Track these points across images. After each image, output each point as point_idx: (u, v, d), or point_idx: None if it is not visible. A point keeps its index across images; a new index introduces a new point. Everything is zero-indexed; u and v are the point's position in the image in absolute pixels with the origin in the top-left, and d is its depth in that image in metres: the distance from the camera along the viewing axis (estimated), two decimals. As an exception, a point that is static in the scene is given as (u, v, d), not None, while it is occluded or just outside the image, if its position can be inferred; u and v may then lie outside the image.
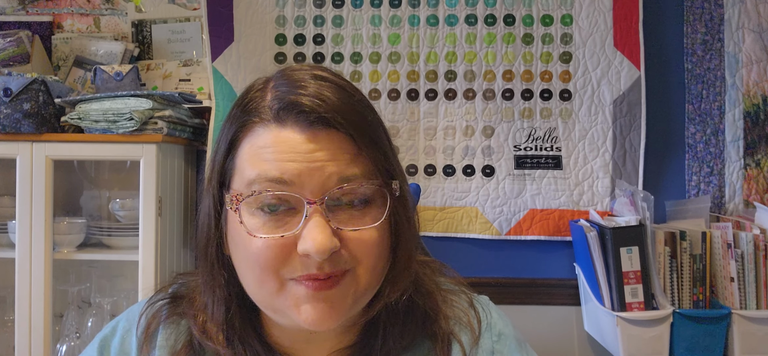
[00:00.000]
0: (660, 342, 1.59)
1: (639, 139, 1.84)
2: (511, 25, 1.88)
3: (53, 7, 1.94)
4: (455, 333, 0.71)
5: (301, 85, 0.62)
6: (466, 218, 1.88)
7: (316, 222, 0.59)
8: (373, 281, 0.64)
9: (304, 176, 0.59)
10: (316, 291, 0.60)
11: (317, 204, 0.59)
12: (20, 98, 1.58)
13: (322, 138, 0.60)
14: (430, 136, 1.89)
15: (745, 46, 1.84)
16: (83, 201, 1.88)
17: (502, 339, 0.73)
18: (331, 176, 0.60)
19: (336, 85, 0.63)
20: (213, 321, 0.68)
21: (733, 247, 1.63)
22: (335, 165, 0.60)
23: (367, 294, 0.64)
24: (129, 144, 1.61)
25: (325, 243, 0.58)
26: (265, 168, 0.60)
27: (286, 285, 0.61)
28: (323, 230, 0.58)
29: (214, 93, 1.88)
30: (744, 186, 1.84)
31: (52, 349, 1.65)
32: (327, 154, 0.60)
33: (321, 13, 1.90)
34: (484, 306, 0.75)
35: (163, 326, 0.73)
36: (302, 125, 0.61)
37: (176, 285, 0.77)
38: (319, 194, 0.59)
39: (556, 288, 1.87)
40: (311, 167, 0.59)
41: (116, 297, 1.75)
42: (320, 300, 0.60)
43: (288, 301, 0.61)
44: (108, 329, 0.76)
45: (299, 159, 0.60)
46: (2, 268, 1.73)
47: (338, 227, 0.60)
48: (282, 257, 0.60)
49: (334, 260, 0.60)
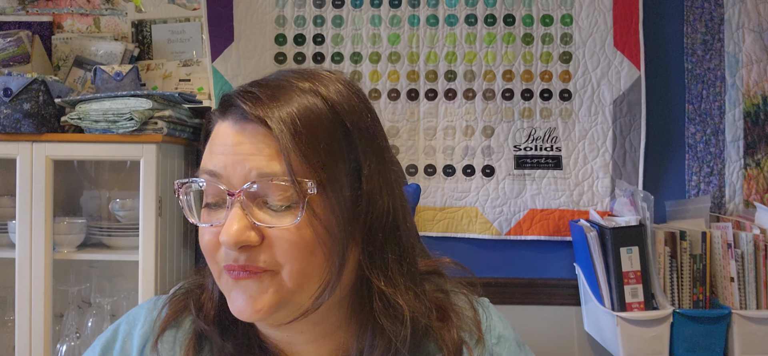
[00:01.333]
0: (660, 342, 1.59)
1: (639, 139, 1.84)
2: (511, 25, 1.88)
3: (53, 7, 1.94)
4: (462, 338, 0.71)
5: (255, 83, 0.66)
6: (466, 218, 1.88)
7: (233, 214, 0.61)
8: (302, 283, 0.62)
9: (228, 168, 0.62)
10: (235, 280, 0.62)
11: (235, 196, 0.61)
12: (20, 98, 1.58)
13: (249, 132, 0.62)
14: (430, 136, 1.89)
15: (745, 46, 1.84)
16: (83, 201, 1.88)
17: (501, 341, 0.73)
18: (251, 171, 0.61)
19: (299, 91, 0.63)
20: (210, 300, 0.71)
21: (733, 247, 1.63)
22: (255, 160, 0.61)
23: (298, 297, 0.63)
24: (129, 144, 1.61)
25: (236, 235, 0.59)
26: (205, 160, 0.65)
27: (221, 273, 0.64)
28: (239, 221, 0.60)
29: (214, 93, 1.88)
30: (744, 186, 1.84)
31: (52, 349, 1.65)
32: (250, 148, 0.62)
33: (321, 13, 1.90)
34: (484, 308, 0.75)
35: (166, 327, 0.73)
36: (235, 118, 0.64)
37: (182, 283, 0.77)
38: (238, 187, 0.61)
39: (556, 288, 1.87)
40: (235, 160, 0.62)
41: (116, 297, 1.75)
42: (241, 290, 0.62)
43: (224, 288, 0.65)
44: (108, 333, 0.77)
45: (226, 151, 0.63)
46: (2, 268, 1.73)
47: (258, 222, 0.61)
48: (214, 246, 0.63)
49: (251, 255, 0.61)
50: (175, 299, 0.75)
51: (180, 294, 0.76)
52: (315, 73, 0.67)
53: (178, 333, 0.73)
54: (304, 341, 0.69)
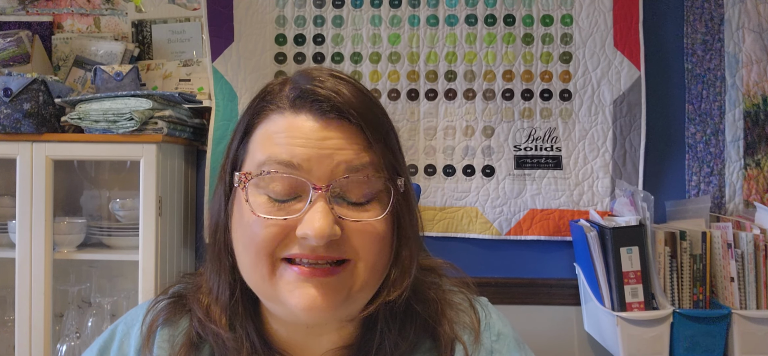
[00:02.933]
0: (660, 342, 1.59)
1: (639, 139, 1.84)
2: (511, 25, 1.88)
3: (53, 7, 1.94)
4: (458, 335, 0.71)
5: (319, 79, 0.65)
6: (466, 218, 1.88)
7: (319, 207, 0.60)
8: (372, 279, 0.64)
9: (313, 161, 0.61)
10: (308, 277, 0.61)
11: (322, 190, 0.60)
12: (20, 98, 1.58)
13: (334, 127, 0.62)
14: (430, 136, 1.89)
15: (745, 46, 1.84)
16: (83, 201, 1.88)
17: (501, 338, 0.74)
18: (340, 165, 0.61)
19: (351, 84, 0.65)
20: (217, 304, 0.69)
21: (733, 247, 1.63)
22: (344, 154, 0.61)
23: (365, 292, 0.64)
24: (129, 144, 1.61)
25: (325, 228, 0.59)
26: (276, 151, 0.62)
27: (278, 269, 0.62)
28: (326, 216, 0.59)
29: (214, 93, 1.88)
30: (744, 186, 1.84)
31: (52, 349, 1.65)
32: (337, 143, 0.62)
33: (321, 13, 1.90)
34: (483, 307, 0.76)
35: (161, 327, 0.73)
36: (316, 113, 0.63)
37: (179, 285, 0.77)
38: (325, 181, 0.61)
39: (556, 288, 1.87)
40: (321, 154, 0.61)
41: (116, 297, 1.75)
42: (312, 286, 0.61)
43: (280, 286, 0.62)
44: (106, 335, 0.77)
45: (310, 145, 0.61)
46: (2, 268, 1.73)
47: (341, 216, 0.61)
48: (279, 238, 0.61)
49: (331, 247, 0.61)
50: (171, 299, 0.75)
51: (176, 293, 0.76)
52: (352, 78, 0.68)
53: (174, 332, 0.73)
54: (316, 333, 0.70)
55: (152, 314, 0.74)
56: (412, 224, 0.66)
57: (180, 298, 0.75)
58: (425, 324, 0.70)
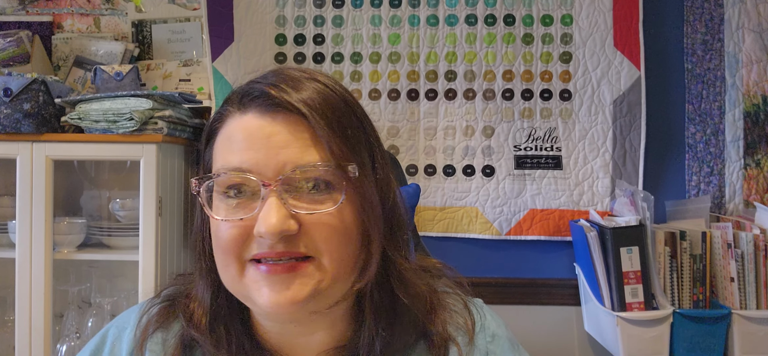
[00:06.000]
0: (660, 342, 1.59)
1: (639, 139, 1.84)
2: (511, 25, 1.88)
3: (53, 7, 1.94)
4: (452, 335, 0.71)
5: (276, 77, 0.64)
6: (466, 218, 1.88)
7: (270, 203, 0.60)
8: (341, 270, 0.63)
9: (260, 162, 0.61)
10: (271, 275, 0.61)
11: (272, 186, 0.60)
12: (20, 98, 1.58)
13: (280, 122, 0.62)
14: (430, 136, 1.89)
15: (745, 46, 1.84)
16: (83, 201, 1.88)
17: (495, 339, 0.73)
18: (287, 164, 0.60)
19: (313, 80, 0.65)
20: (200, 307, 0.69)
21: (733, 247, 1.63)
22: (290, 151, 0.61)
23: (337, 284, 0.64)
24: (129, 144, 1.61)
25: (277, 225, 0.59)
26: (227, 158, 0.63)
27: (246, 268, 0.63)
28: (278, 211, 0.59)
29: (214, 93, 1.88)
30: (744, 186, 1.84)
31: (52, 349, 1.65)
32: (282, 139, 0.61)
33: (321, 13, 1.90)
34: (478, 308, 0.76)
35: (154, 331, 0.73)
36: (261, 109, 0.63)
37: (171, 287, 0.77)
38: (274, 178, 0.60)
39: (556, 288, 1.87)
40: (268, 154, 0.61)
41: (116, 297, 1.75)
42: (276, 283, 0.61)
43: (248, 285, 0.63)
44: (97, 338, 0.76)
45: (256, 146, 0.61)
46: (2, 268, 1.73)
47: (295, 210, 0.61)
48: (242, 239, 0.62)
49: (290, 242, 0.61)
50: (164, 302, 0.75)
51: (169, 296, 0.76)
52: (309, 69, 0.68)
53: (167, 335, 0.72)
54: (306, 332, 0.69)
55: (146, 318, 0.74)
56: (371, 210, 0.64)
57: (173, 301, 0.75)
58: (416, 320, 0.69)
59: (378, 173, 0.67)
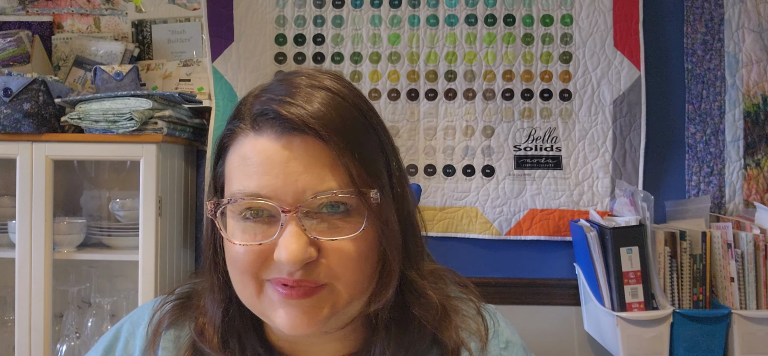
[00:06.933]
0: (660, 342, 1.59)
1: (639, 139, 1.84)
2: (511, 25, 1.88)
3: (53, 7, 1.94)
4: (464, 342, 0.70)
5: (288, 92, 0.62)
6: (466, 218, 1.88)
7: (290, 231, 0.59)
8: (356, 293, 0.63)
9: (278, 188, 0.59)
10: (288, 298, 0.60)
11: (292, 212, 0.59)
12: (20, 98, 1.58)
13: (297, 146, 0.60)
14: (430, 136, 1.89)
15: (745, 46, 1.84)
16: (83, 201, 1.88)
17: (509, 346, 0.73)
18: (306, 191, 0.59)
19: (326, 91, 0.62)
20: (210, 324, 0.68)
21: (733, 247, 1.63)
22: (309, 178, 0.59)
23: (351, 306, 0.64)
24: (129, 144, 1.61)
25: (297, 254, 0.58)
26: (245, 184, 0.61)
27: (264, 288, 0.62)
28: (298, 240, 0.58)
29: (214, 93, 1.88)
30: (744, 186, 1.84)
31: (52, 349, 1.65)
32: (301, 164, 0.59)
33: (321, 13, 1.90)
34: (491, 314, 0.75)
35: (167, 329, 0.73)
36: (277, 132, 0.61)
37: (186, 285, 0.77)
38: (293, 205, 0.59)
39: (556, 288, 1.87)
40: (286, 180, 0.59)
41: (116, 297, 1.75)
42: (293, 307, 0.61)
43: (266, 304, 0.62)
44: (111, 334, 0.76)
45: (274, 171, 0.60)
46: (2, 268, 1.73)
47: (316, 236, 0.60)
48: (260, 261, 0.61)
49: (309, 270, 0.60)
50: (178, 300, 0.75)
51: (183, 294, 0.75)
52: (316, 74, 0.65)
53: (180, 333, 0.73)
54: (320, 343, 0.70)
55: (159, 314, 0.74)
56: (391, 234, 0.63)
57: (187, 300, 0.75)
58: (426, 329, 0.69)
59: (396, 188, 0.66)
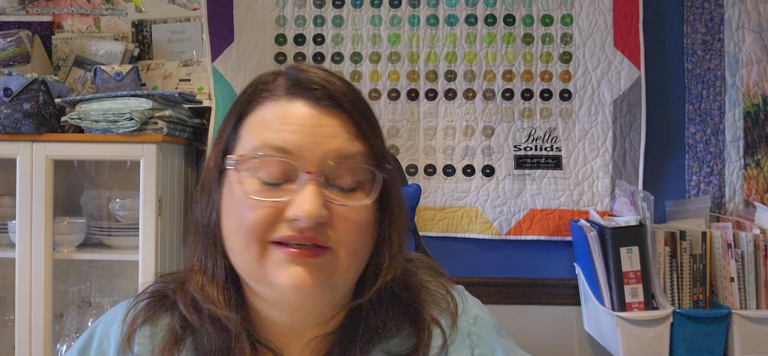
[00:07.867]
0: (660, 342, 1.59)
1: (639, 139, 1.84)
2: (511, 25, 1.88)
3: (53, 7, 1.94)
4: (436, 320, 0.73)
5: (312, 71, 0.68)
6: (466, 218, 1.88)
7: (309, 190, 0.62)
8: (354, 264, 0.66)
9: (305, 147, 0.63)
10: (296, 258, 0.63)
11: (314, 175, 0.63)
12: (20, 98, 1.58)
13: (328, 115, 0.65)
14: (430, 136, 1.89)
15: (745, 46, 1.84)
16: (83, 201, 1.88)
17: (478, 322, 0.75)
18: (331, 152, 0.64)
19: (340, 77, 0.69)
20: (214, 283, 0.69)
21: (733, 247, 1.63)
22: (336, 142, 0.64)
23: (347, 275, 0.66)
24: (129, 144, 1.61)
25: (315, 210, 0.61)
26: (269, 137, 0.64)
27: (267, 250, 0.64)
28: (316, 198, 0.62)
29: (214, 93, 1.88)
30: (744, 186, 1.84)
31: (52, 349, 1.65)
32: (330, 130, 0.64)
33: (321, 13, 1.90)
34: (460, 293, 0.78)
35: (141, 326, 0.73)
36: (311, 100, 0.65)
37: (158, 284, 0.77)
38: (317, 166, 0.63)
39: (556, 288, 1.87)
40: (314, 140, 0.63)
41: (116, 297, 1.75)
42: (299, 265, 0.63)
43: (269, 265, 0.64)
44: (86, 335, 0.77)
45: (303, 131, 0.64)
46: (2, 268, 1.73)
47: (330, 200, 0.63)
48: (270, 221, 0.63)
49: (319, 231, 0.63)
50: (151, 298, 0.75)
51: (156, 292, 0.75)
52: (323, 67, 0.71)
53: (155, 329, 0.73)
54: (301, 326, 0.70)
55: (133, 313, 0.74)
56: (400, 208, 0.70)
57: (160, 297, 0.75)
58: (407, 309, 0.72)
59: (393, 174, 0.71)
